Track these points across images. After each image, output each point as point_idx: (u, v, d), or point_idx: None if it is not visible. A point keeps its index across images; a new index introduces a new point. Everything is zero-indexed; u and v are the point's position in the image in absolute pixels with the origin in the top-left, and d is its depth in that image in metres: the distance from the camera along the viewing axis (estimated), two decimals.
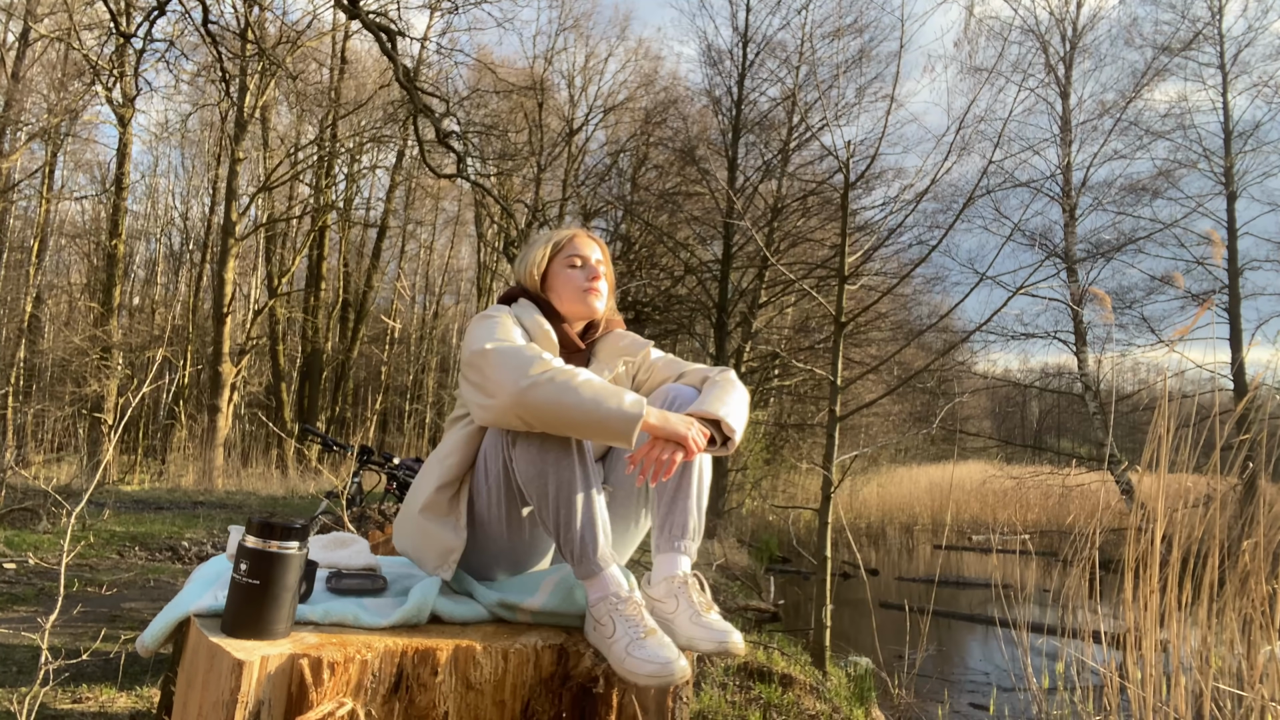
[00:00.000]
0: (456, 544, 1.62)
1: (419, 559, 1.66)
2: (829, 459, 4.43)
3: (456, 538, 1.62)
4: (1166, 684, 2.09)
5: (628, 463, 1.55)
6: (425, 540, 1.64)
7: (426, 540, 1.63)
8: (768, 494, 14.33)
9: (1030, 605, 2.78)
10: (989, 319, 5.15)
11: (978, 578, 9.98)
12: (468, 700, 1.41)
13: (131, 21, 9.89)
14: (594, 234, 1.91)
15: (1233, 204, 13.52)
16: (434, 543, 1.63)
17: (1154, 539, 2.10)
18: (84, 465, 12.14)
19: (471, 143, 11.99)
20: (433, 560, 1.63)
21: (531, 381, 1.45)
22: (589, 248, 1.84)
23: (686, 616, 1.50)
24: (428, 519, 1.63)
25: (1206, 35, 13.79)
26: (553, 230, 1.90)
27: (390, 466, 3.97)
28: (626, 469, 1.57)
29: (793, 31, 13.16)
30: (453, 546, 1.62)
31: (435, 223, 23.07)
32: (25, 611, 3.89)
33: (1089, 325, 13.77)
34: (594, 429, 1.46)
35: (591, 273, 1.81)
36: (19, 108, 14.73)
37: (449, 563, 1.62)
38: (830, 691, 3.56)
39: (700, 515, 1.63)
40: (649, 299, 14.02)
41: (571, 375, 1.47)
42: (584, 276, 1.80)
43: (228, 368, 14.67)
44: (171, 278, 21.13)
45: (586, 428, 1.46)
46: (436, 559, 1.63)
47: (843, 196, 5.02)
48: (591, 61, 18.77)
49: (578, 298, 1.79)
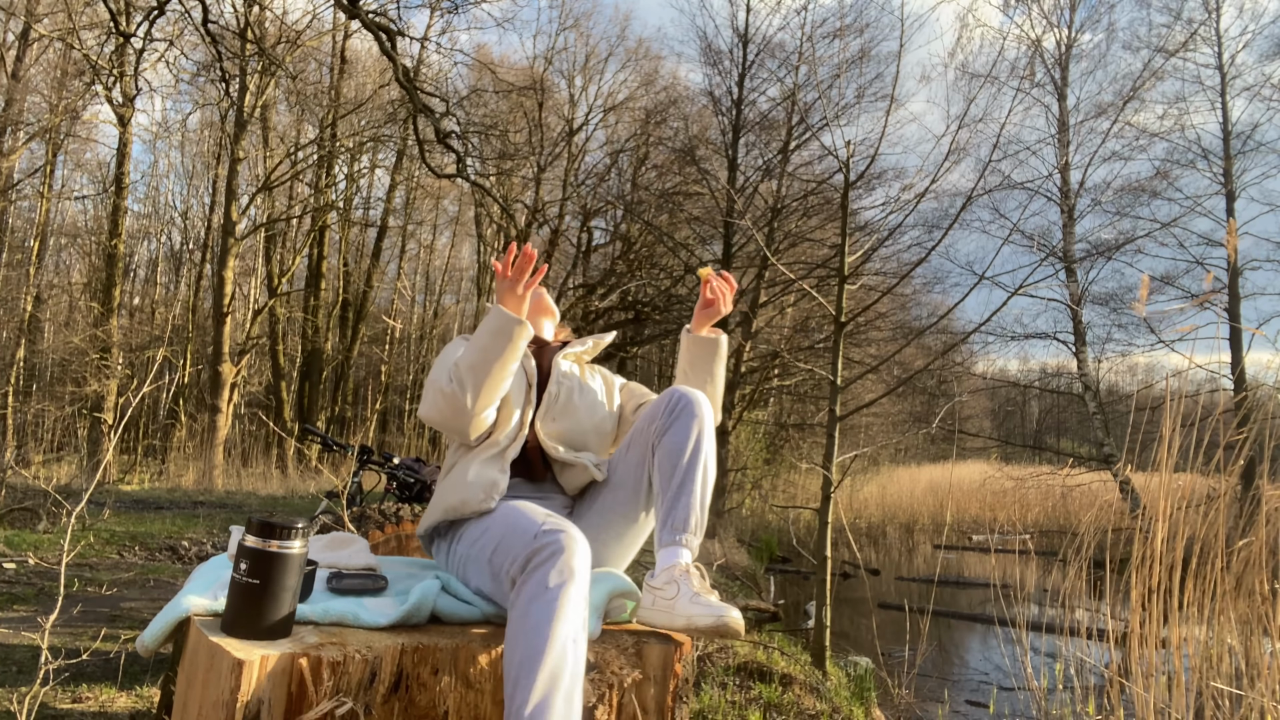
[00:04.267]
0: (502, 480, 1.72)
1: (461, 501, 1.70)
2: (829, 459, 4.43)
3: (502, 476, 1.73)
4: (1168, 684, 2.09)
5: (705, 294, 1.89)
6: (468, 482, 1.72)
7: (471, 482, 1.71)
8: (768, 494, 14.34)
9: (1030, 605, 2.78)
10: (988, 319, 5.15)
11: (978, 577, 9.98)
12: (468, 700, 1.41)
13: (131, 21, 9.88)
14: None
15: (1232, 204, 13.53)
16: (481, 479, 1.71)
17: (1155, 538, 2.10)
18: (84, 465, 12.15)
19: (471, 143, 11.98)
20: (478, 494, 1.69)
21: (442, 381, 1.73)
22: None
23: (686, 598, 1.54)
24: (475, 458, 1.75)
25: (1204, 36, 13.81)
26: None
27: (390, 466, 3.97)
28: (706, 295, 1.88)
29: (792, 32, 13.17)
30: (496, 479, 1.71)
31: (435, 223, 23.07)
32: (25, 611, 3.89)
33: (1089, 325, 13.78)
34: (491, 348, 1.65)
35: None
36: (19, 107, 14.72)
37: (493, 496, 1.69)
38: (830, 691, 3.56)
39: (703, 511, 1.64)
40: (649, 299, 14.01)
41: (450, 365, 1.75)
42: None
43: (228, 367, 14.67)
44: (171, 277, 21.14)
45: (490, 351, 1.65)
46: (481, 493, 1.69)
47: (843, 196, 5.02)
48: (591, 61, 18.76)
49: (534, 319, 2.05)
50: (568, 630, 1.34)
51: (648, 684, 1.53)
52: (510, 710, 1.29)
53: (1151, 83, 13.65)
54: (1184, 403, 2.27)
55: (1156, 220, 13.53)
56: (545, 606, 1.35)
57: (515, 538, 1.48)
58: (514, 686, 1.31)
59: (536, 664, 1.30)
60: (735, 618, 1.50)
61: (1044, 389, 18.75)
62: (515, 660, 1.32)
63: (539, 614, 1.34)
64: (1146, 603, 2.09)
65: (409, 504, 3.91)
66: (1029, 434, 26.26)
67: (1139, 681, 2.04)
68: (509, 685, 1.32)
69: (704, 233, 14.13)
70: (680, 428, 1.67)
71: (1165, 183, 13.61)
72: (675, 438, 1.67)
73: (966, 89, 12.42)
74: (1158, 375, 14.84)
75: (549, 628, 1.33)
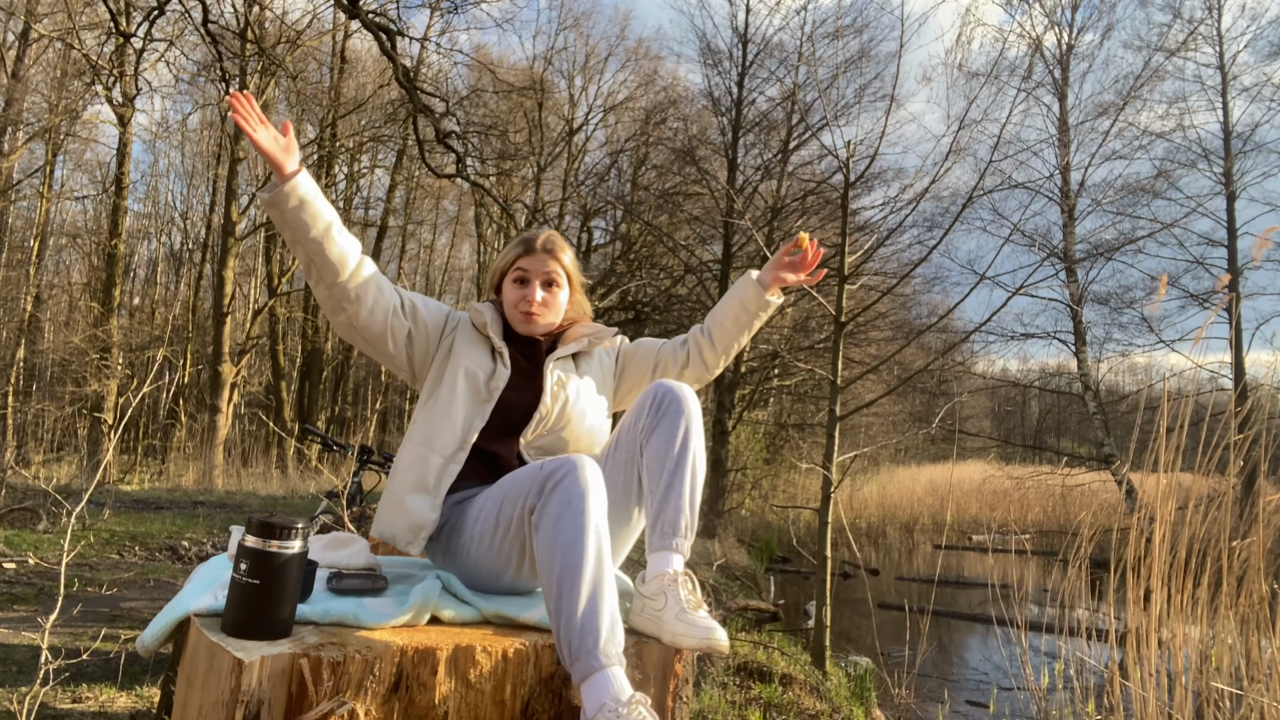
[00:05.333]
0: (431, 520, 1.68)
1: (393, 535, 1.71)
2: (829, 459, 4.43)
3: (433, 514, 1.68)
4: (1168, 683, 2.09)
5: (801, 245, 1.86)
6: (403, 511, 1.71)
7: (406, 512, 1.70)
8: (768, 494, 14.34)
9: (1030, 605, 2.78)
10: (989, 319, 5.16)
11: (977, 577, 9.98)
12: (468, 700, 1.41)
13: (131, 21, 9.88)
14: (556, 242, 1.90)
15: (1232, 204, 13.52)
16: (412, 516, 1.69)
17: (1154, 538, 2.10)
18: (84, 465, 12.15)
19: (471, 143, 11.99)
20: (404, 536, 1.69)
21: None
22: (540, 263, 1.86)
23: (673, 613, 1.51)
24: (410, 482, 1.71)
25: (1205, 35, 13.81)
26: (529, 233, 1.92)
27: (390, 466, 3.97)
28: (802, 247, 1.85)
29: (792, 31, 13.18)
30: (423, 522, 1.68)
31: (435, 223, 23.08)
32: (25, 611, 3.89)
33: (1089, 325, 13.78)
34: (286, 226, 1.62)
35: (529, 295, 1.84)
36: (19, 107, 14.73)
37: (419, 539, 1.68)
38: (830, 691, 3.56)
39: (693, 513, 1.63)
40: (649, 299, 14.02)
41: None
42: (522, 297, 1.85)
43: (228, 367, 14.67)
44: (171, 277, 21.14)
45: (292, 230, 1.62)
46: (408, 534, 1.69)
47: (843, 196, 5.02)
48: (591, 61, 18.78)
49: (515, 316, 1.87)
50: (596, 542, 1.40)
51: (647, 684, 1.53)
52: (560, 620, 1.35)
53: (1152, 82, 13.66)
54: (1184, 402, 2.27)
55: (1157, 220, 13.53)
56: (574, 520, 1.40)
57: (521, 482, 1.53)
58: (558, 600, 1.36)
59: (578, 575, 1.36)
60: (720, 639, 1.48)
61: (1044, 389, 18.74)
62: (554, 574, 1.38)
63: (569, 528, 1.39)
64: (1146, 603, 2.10)
65: None
66: (1029, 434, 26.24)
67: (1138, 682, 2.05)
68: (551, 600, 1.37)
69: (704, 233, 14.13)
70: (667, 426, 1.64)
71: (1166, 183, 13.61)
72: (662, 437, 1.64)
73: (966, 89, 12.43)
74: (1158, 375, 14.85)
75: (582, 540, 1.38)
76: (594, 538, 1.39)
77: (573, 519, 1.40)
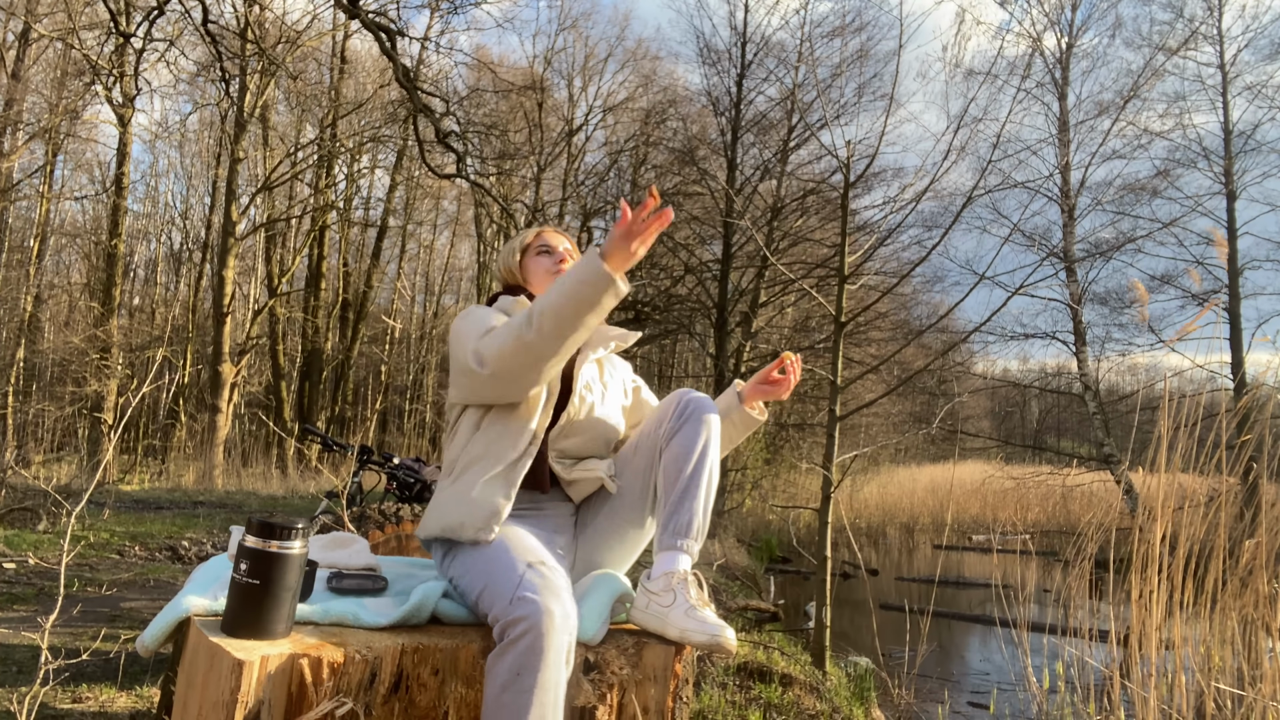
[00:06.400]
0: (505, 507, 1.58)
1: (460, 523, 1.58)
2: (829, 459, 4.43)
3: (506, 502, 1.58)
4: (1169, 684, 2.09)
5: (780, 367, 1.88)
6: (471, 501, 1.59)
7: (474, 501, 1.58)
8: (768, 494, 14.32)
9: (1030, 605, 2.78)
10: (988, 319, 5.15)
11: (978, 578, 9.98)
12: (468, 700, 1.40)
13: (131, 21, 9.88)
14: (560, 229, 2.03)
15: (1232, 204, 13.52)
16: (484, 502, 1.58)
17: (1155, 539, 2.10)
18: (84, 465, 12.14)
19: (471, 143, 11.98)
20: (477, 522, 1.57)
21: (521, 329, 1.54)
22: (556, 239, 1.96)
23: (682, 610, 1.52)
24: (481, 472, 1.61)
25: (1205, 34, 13.80)
26: (524, 230, 2.01)
27: (390, 466, 3.97)
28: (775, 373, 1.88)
29: (791, 31, 13.17)
30: (499, 507, 1.58)
31: (435, 223, 23.08)
32: (25, 611, 3.89)
33: (1089, 325, 13.78)
34: (579, 301, 1.48)
35: (559, 257, 1.91)
36: (19, 107, 14.73)
37: (491, 526, 1.56)
38: (830, 691, 3.56)
39: (705, 517, 1.63)
40: (649, 299, 14.02)
41: (528, 307, 1.59)
42: (552, 261, 1.91)
43: (228, 367, 14.67)
44: (171, 277, 21.15)
45: (575, 303, 1.48)
46: (481, 521, 1.57)
47: (843, 196, 5.01)
48: (591, 62, 18.80)
49: (549, 280, 1.89)
50: (539, 716, 1.32)
51: (648, 684, 1.53)
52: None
53: (1152, 82, 13.65)
54: (1184, 403, 2.26)
55: (1157, 220, 13.53)
56: (517, 697, 1.31)
57: (497, 589, 1.43)
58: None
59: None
60: (729, 637, 1.48)
61: (1044, 389, 18.73)
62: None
63: (512, 704, 1.31)
64: (1148, 603, 2.09)
65: (409, 504, 3.91)
66: (1029, 434, 26.23)
67: (1139, 682, 2.04)
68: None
69: (704, 233, 14.13)
70: (689, 431, 1.66)
71: (1166, 182, 13.61)
72: (684, 441, 1.65)
73: (966, 88, 12.42)
74: (1158, 375, 14.84)
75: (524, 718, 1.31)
76: (535, 715, 1.30)
77: (516, 697, 1.30)
